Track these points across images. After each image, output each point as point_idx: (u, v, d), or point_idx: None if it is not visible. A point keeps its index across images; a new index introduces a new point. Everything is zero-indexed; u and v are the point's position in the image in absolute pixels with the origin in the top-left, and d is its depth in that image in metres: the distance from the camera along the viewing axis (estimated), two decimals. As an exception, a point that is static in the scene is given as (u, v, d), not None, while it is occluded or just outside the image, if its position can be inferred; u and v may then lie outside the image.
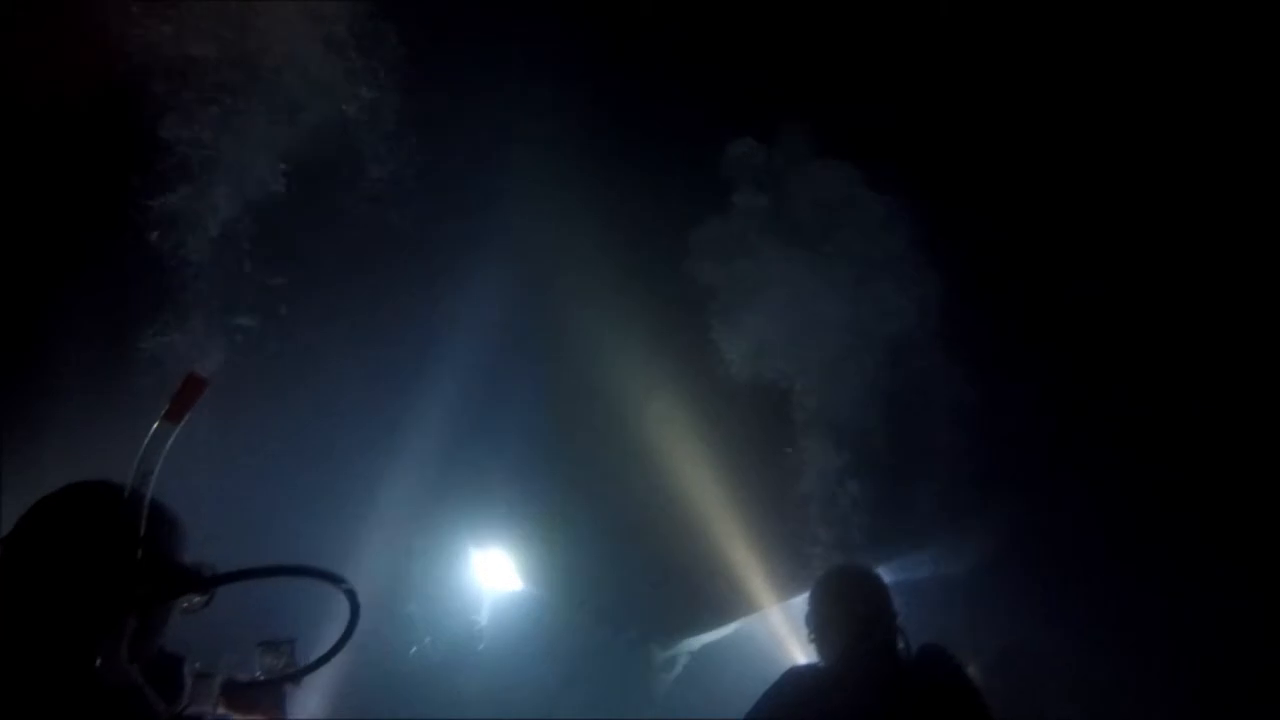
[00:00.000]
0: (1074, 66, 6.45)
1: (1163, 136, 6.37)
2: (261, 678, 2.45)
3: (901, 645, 2.82)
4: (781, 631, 7.19)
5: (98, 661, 1.57)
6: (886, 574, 3.38)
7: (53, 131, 5.65)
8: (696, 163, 7.07)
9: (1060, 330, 6.75)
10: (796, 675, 2.80)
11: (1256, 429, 6.14)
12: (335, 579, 1.84)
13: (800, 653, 6.28)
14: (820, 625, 2.82)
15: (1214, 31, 6.11)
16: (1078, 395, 6.68)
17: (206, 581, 1.79)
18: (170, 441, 1.73)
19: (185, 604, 1.81)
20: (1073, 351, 6.70)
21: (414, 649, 7.49)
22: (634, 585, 7.32)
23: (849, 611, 2.79)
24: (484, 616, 7.61)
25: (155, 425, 1.73)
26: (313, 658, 2.04)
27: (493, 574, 7.74)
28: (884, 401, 6.79)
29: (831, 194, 7.00)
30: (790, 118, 7.10)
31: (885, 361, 6.78)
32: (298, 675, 2.11)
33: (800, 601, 3.40)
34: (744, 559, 7.06)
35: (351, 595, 1.86)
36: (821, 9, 6.79)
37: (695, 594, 7.30)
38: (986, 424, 6.67)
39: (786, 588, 6.98)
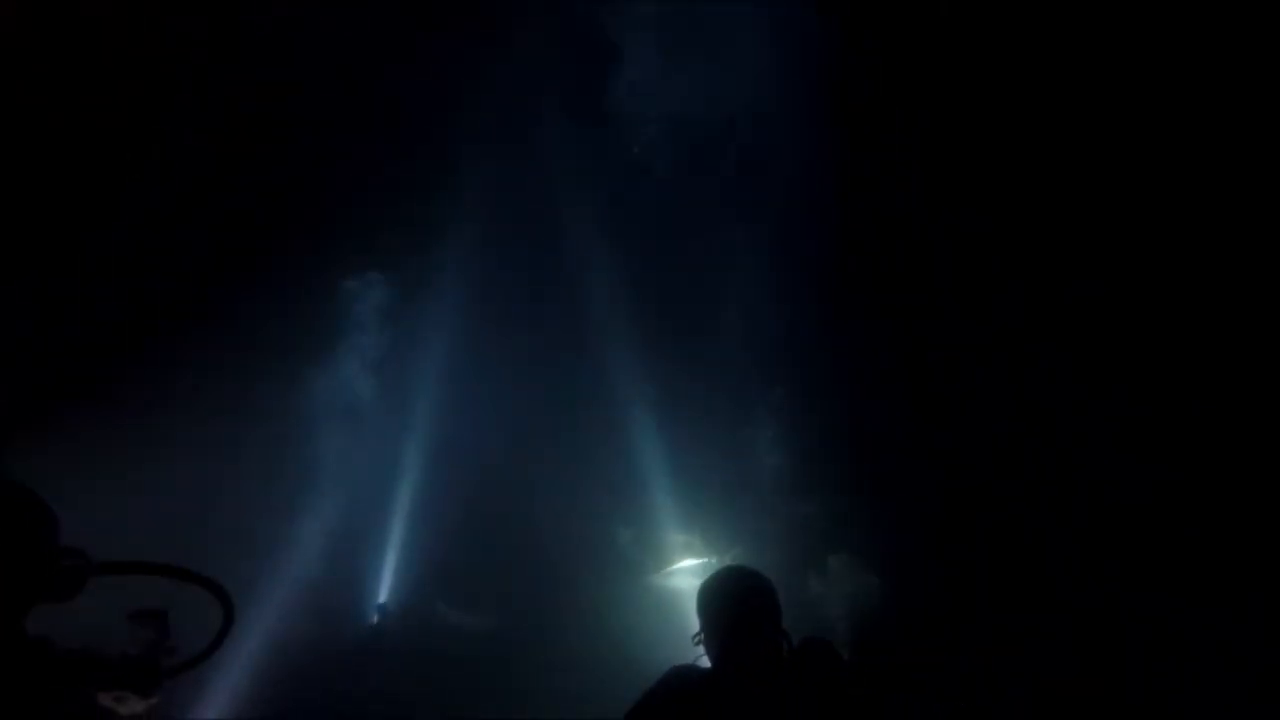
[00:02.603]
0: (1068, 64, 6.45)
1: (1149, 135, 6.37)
2: (132, 654, 2.37)
3: (785, 645, 2.88)
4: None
5: None
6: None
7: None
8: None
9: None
10: (678, 676, 2.83)
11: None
12: (209, 583, 1.78)
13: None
14: (706, 626, 2.86)
15: (1213, 31, 6.11)
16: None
17: (81, 573, 1.75)
18: None
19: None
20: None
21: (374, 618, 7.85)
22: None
23: (733, 612, 2.83)
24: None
25: None
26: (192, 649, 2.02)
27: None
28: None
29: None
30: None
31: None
32: (172, 672, 2.03)
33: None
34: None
35: (224, 596, 1.82)
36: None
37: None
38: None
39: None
